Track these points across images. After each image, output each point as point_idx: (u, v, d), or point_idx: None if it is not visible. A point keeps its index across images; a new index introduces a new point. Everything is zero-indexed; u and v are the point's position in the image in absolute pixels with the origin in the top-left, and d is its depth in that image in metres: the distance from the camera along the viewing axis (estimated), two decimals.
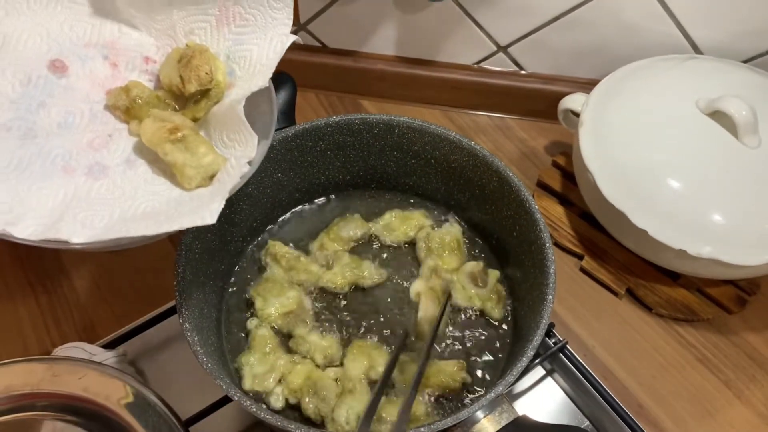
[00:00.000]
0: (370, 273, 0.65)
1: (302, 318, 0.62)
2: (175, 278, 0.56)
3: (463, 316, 0.63)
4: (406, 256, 0.68)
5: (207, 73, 0.53)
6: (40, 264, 0.75)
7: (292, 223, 0.70)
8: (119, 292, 0.73)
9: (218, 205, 0.47)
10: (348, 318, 0.63)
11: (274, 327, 0.62)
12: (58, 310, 0.72)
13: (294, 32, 0.85)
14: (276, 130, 0.64)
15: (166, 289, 0.72)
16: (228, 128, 0.53)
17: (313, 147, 0.67)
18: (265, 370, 0.58)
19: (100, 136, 0.55)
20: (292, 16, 0.55)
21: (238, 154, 0.52)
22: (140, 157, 0.54)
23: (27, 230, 0.47)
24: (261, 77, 0.53)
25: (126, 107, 0.55)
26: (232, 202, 0.63)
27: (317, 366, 0.59)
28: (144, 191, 0.52)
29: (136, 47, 0.58)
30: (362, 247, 0.68)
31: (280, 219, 0.70)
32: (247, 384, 0.58)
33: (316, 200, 0.72)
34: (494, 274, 0.65)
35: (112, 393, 0.58)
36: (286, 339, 0.62)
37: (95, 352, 0.64)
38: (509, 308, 0.64)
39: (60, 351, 0.64)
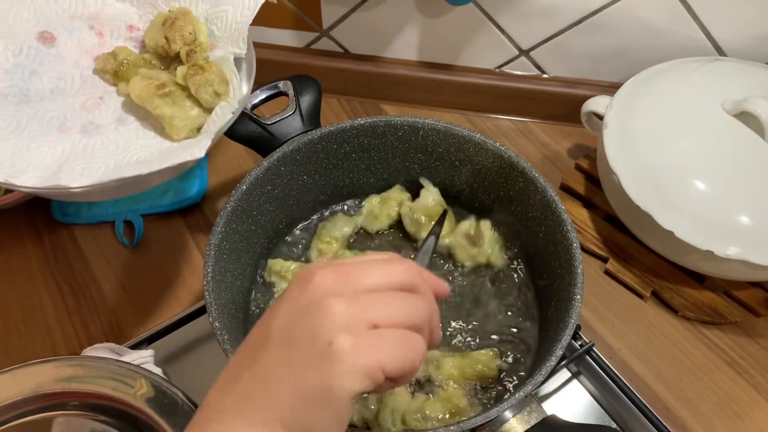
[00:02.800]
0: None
1: None
2: (204, 278, 0.56)
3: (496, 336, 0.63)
4: (400, 234, 0.70)
5: (191, 33, 0.57)
6: (68, 266, 0.76)
7: (313, 229, 0.71)
8: (146, 294, 0.74)
9: (206, 142, 0.51)
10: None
11: None
12: (86, 312, 0.73)
13: (317, 38, 0.88)
14: (301, 133, 0.66)
15: (191, 291, 0.74)
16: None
17: (338, 149, 0.67)
18: None
19: (92, 99, 0.59)
20: None
21: (222, 105, 0.55)
22: (131, 114, 0.58)
23: (29, 181, 0.51)
24: (239, 36, 0.58)
25: (114, 70, 0.59)
26: (258, 204, 0.64)
27: None
28: (136, 145, 0.56)
29: (120, 16, 0.62)
30: (358, 241, 0.70)
31: (304, 222, 0.71)
32: None
33: (340, 203, 0.72)
34: (486, 225, 0.67)
35: (140, 393, 0.58)
36: None
37: (123, 352, 0.64)
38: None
39: (88, 351, 0.65)
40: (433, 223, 0.65)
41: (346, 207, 0.72)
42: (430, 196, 0.69)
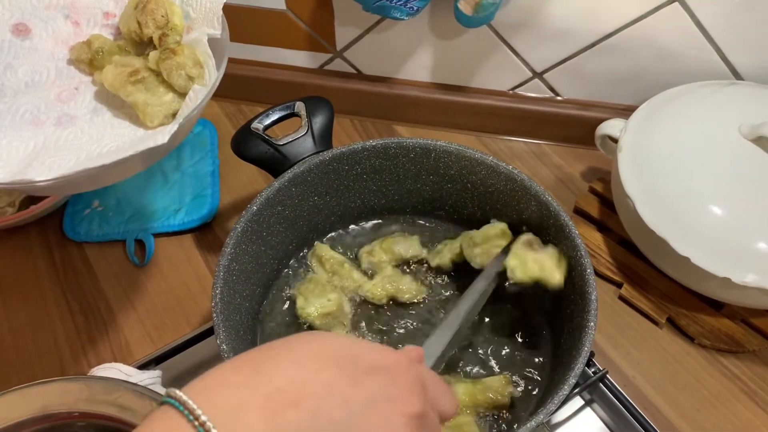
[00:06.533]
0: (409, 288, 0.65)
1: (340, 320, 0.64)
2: (213, 299, 0.56)
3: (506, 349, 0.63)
4: (448, 282, 0.68)
5: (163, 16, 0.56)
6: (78, 285, 0.76)
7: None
8: (154, 314, 0.73)
9: (172, 127, 0.50)
10: (383, 329, 0.64)
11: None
12: (95, 331, 0.72)
13: (330, 59, 0.89)
14: (313, 154, 0.65)
15: (200, 312, 0.73)
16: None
17: (349, 171, 0.67)
18: None
19: (67, 90, 0.58)
20: None
21: (195, 88, 0.54)
22: (105, 105, 0.58)
23: None
24: (213, 16, 0.56)
25: (89, 59, 0.58)
26: (268, 224, 0.63)
27: None
28: (110, 134, 0.55)
29: (96, 4, 0.61)
30: (409, 267, 0.69)
31: (315, 243, 0.70)
32: None
33: (351, 226, 0.72)
34: (552, 248, 0.60)
35: (148, 414, 0.58)
36: None
37: (131, 372, 0.64)
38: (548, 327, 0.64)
39: (96, 371, 0.64)
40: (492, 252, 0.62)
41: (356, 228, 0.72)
42: (496, 226, 0.64)
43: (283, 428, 0.30)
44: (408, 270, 0.68)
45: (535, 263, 0.59)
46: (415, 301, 0.66)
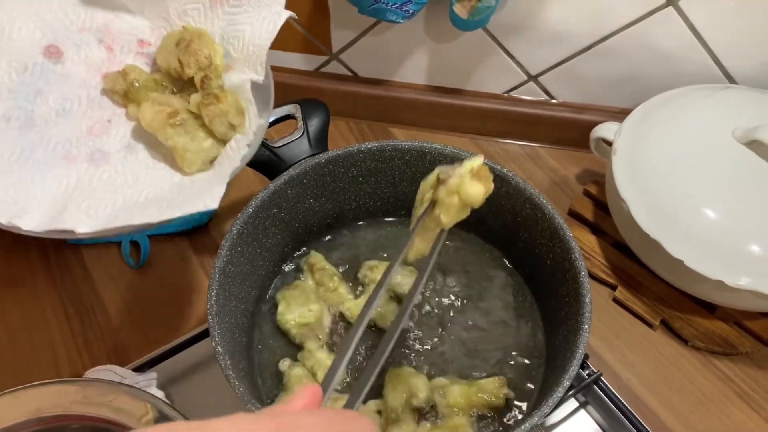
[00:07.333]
0: (390, 316, 0.63)
1: (316, 333, 0.63)
2: (208, 302, 0.56)
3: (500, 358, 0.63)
4: (434, 322, 0.65)
5: (206, 57, 0.53)
6: (74, 286, 0.76)
7: (323, 250, 0.70)
8: (150, 316, 0.73)
9: (220, 190, 0.47)
10: (358, 349, 0.62)
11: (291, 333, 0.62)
12: (90, 333, 0.72)
13: (326, 62, 0.89)
14: (309, 156, 0.66)
15: (196, 314, 0.73)
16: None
17: (345, 173, 0.67)
18: None
19: (99, 122, 0.55)
20: None
21: (237, 137, 0.52)
22: (140, 142, 0.55)
23: (32, 222, 0.48)
24: (257, 61, 0.53)
25: (124, 91, 0.55)
26: (264, 227, 0.63)
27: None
28: (145, 177, 0.52)
29: (131, 30, 0.58)
30: (399, 300, 0.66)
31: (310, 245, 0.70)
32: None
33: (348, 227, 0.72)
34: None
35: (142, 416, 0.58)
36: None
37: (126, 375, 0.64)
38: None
39: (91, 373, 0.65)
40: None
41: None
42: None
43: None
44: (398, 299, 0.65)
45: (450, 196, 0.50)
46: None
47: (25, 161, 0.51)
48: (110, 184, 0.52)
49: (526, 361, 0.62)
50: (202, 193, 0.48)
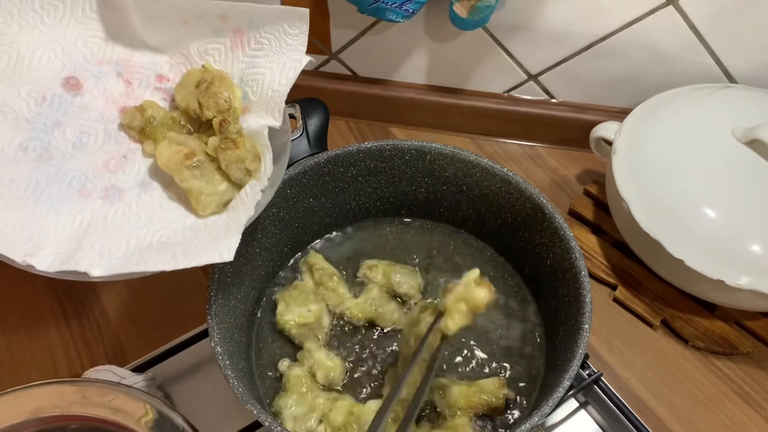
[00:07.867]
0: (390, 317, 0.64)
1: (316, 333, 0.63)
2: (207, 301, 0.56)
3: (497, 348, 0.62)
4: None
5: (226, 101, 0.53)
6: (72, 287, 0.76)
7: (322, 250, 0.70)
8: (149, 316, 0.73)
9: (235, 241, 0.47)
10: (356, 349, 0.63)
11: (290, 333, 0.62)
12: (89, 333, 0.72)
13: (326, 61, 0.89)
14: (308, 155, 0.65)
15: (195, 314, 0.73)
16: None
17: (344, 173, 0.67)
18: (305, 411, 0.57)
19: (115, 157, 0.54)
20: (306, 43, 0.54)
21: (252, 183, 0.52)
22: (155, 180, 0.54)
23: (46, 261, 0.47)
24: (275, 107, 0.53)
25: (141, 127, 0.55)
26: (263, 227, 0.63)
27: (321, 385, 0.59)
28: (159, 218, 0.52)
29: (150, 64, 0.57)
30: (399, 297, 0.66)
31: (309, 245, 0.70)
32: (290, 426, 0.56)
33: (347, 227, 0.72)
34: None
35: (141, 416, 0.57)
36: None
37: (125, 375, 0.64)
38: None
39: (90, 374, 0.64)
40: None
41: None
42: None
43: None
44: (397, 298, 0.66)
45: (458, 303, 0.52)
46: (393, 329, 0.64)
47: (39, 195, 0.50)
48: (124, 223, 0.51)
49: (526, 362, 0.61)
50: (217, 242, 0.48)
